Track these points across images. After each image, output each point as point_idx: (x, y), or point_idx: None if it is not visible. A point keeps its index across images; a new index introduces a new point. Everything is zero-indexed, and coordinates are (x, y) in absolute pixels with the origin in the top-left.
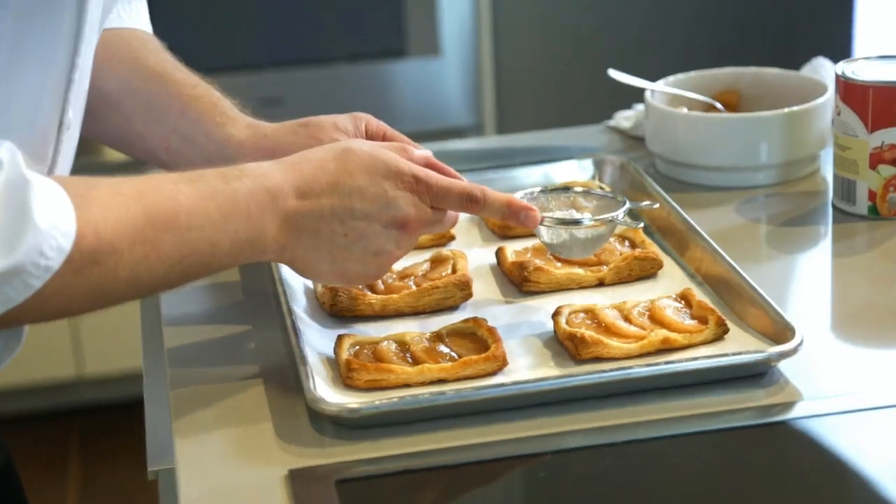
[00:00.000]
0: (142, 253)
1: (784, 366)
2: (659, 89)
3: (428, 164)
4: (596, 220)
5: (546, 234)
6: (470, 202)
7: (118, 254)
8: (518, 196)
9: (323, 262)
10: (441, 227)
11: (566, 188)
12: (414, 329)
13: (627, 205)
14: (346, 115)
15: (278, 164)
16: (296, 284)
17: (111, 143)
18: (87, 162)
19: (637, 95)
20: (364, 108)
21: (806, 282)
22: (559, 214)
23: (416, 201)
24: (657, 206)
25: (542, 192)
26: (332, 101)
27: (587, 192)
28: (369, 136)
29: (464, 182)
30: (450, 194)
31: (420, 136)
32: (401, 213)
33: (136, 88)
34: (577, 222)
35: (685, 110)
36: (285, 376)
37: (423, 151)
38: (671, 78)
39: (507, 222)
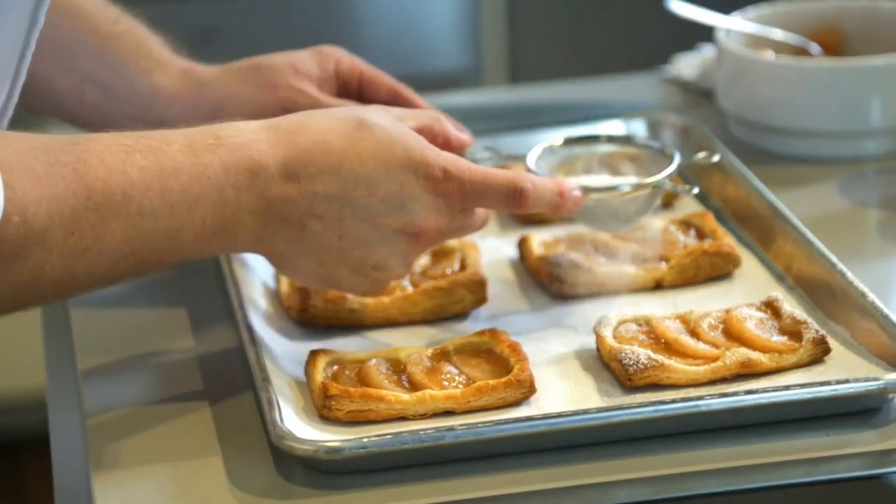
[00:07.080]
0: (79, 245)
1: None
2: (736, 27)
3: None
4: (636, 183)
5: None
6: (517, 198)
7: (48, 246)
8: (533, 154)
9: (306, 263)
10: (465, 233)
11: (594, 137)
12: (411, 343)
13: (677, 160)
14: (308, 50)
15: (269, 128)
16: (250, 278)
17: None
18: None
19: (705, 34)
20: (321, 44)
21: None
22: (584, 180)
23: (440, 205)
24: (717, 157)
25: (563, 144)
26: (279, 32)
27: (624, 140)
28: (340, 77)
29: (506, 173)
30: (489, 192)
31: None
32: (417, 219)
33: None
34: (610, 188)
35: (771, 55)
36: (240, 404)
37: (461, 135)
38: (752, 11)
39: (557, 214)
